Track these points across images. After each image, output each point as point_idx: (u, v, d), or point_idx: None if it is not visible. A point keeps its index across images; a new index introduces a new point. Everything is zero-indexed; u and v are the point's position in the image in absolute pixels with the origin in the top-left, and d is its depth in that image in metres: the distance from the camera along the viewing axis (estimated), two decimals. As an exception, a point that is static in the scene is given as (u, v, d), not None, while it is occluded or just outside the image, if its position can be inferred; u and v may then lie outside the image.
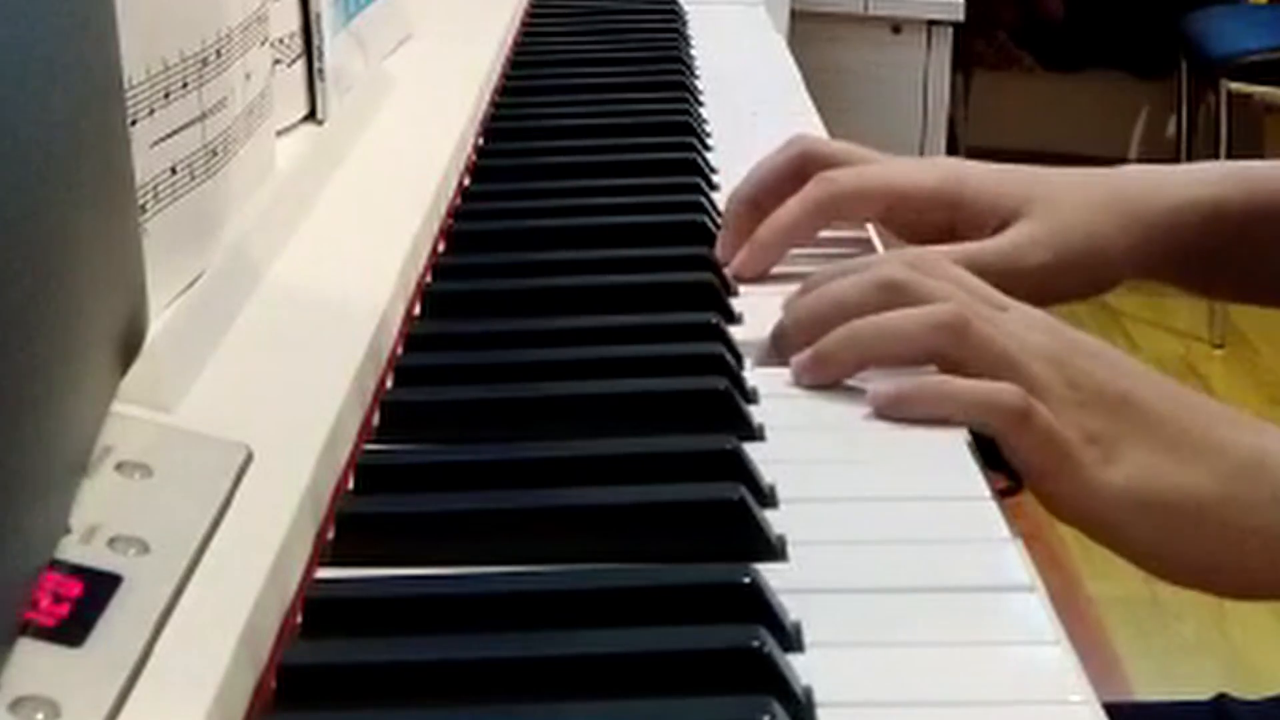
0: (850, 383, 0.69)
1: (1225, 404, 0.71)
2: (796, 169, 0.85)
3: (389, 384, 0.70)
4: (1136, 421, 0.66)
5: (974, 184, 0.85)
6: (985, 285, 0.72)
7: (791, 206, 0.83)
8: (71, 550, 0.48)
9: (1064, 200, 0.83)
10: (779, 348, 0.72)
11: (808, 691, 0.49)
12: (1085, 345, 0.69)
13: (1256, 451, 0.66)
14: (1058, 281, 0.82)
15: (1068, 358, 0.68)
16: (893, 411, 0.67)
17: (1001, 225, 0.83)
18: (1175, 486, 0.65)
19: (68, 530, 0.49)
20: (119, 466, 0.53)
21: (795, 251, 0.85)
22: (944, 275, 0.71)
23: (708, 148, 1.06)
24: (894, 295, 0.69)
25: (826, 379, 0.69)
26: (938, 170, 0.86)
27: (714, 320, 0.75)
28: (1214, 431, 0.66)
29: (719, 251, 0.85)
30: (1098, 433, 0.65)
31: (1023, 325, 0.69)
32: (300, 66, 0.91)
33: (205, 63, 0.69)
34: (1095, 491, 0.64)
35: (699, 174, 0.98)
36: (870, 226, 0.90)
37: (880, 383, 0.68)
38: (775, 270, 0.84)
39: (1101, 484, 0.65)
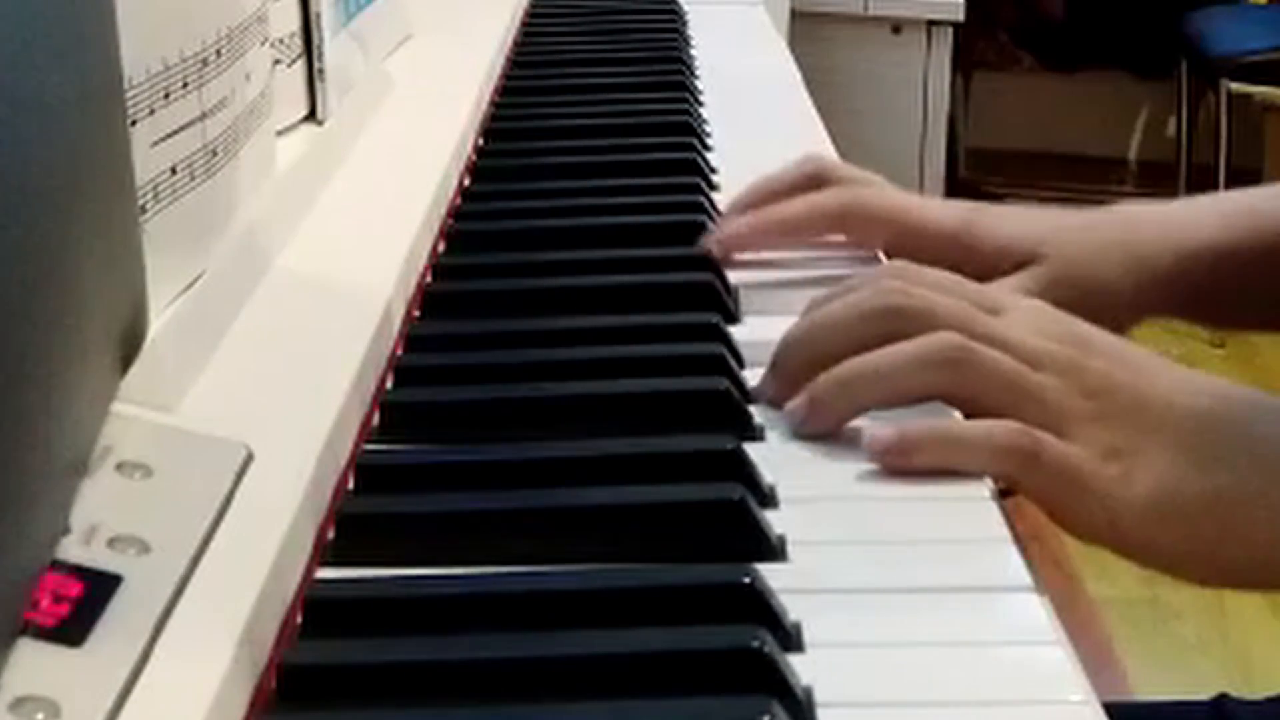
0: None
1: (1250, 389, 0.68)
2: (811, 184, 0.85)
3: (389, 384, 0.70)
4: (1159, 423, 0.63)
5: (986, 229, 0.84)
6: (980, 286, 0.70)
7: (807, 202, 0.83)
8: (71, 550, 0.48)
9: (1073, 246, 0.83)
10: (772, 384, 0.68)
11: (808, 691, 0.49)
12: (1098, 343, 0.67)
13: None
14: None
15: (1081, 360, 0.65)
16: (894, 462, 0.62)
17: (1011, 270, 0.82)
18: (1201, 492, 0.62)
19: (68, 530, 0.49)
20: (119, 466, 0.53)
21: (800, 259, 0.84)
22: (937, 283, 0.68)
23: (708, 148, 1.06)
24: (892, 324, 0.66)
25: (825, 428, 0.65)
26: (956, 213, 0.86)
27: (715, 320, 0.75)
28: (1240, 428, 0.64)
29: (714, 227, 0.84)
30: (1118, 445, 0.63)
31: (1028, 329, 0.66)
32: (300, 66, 0.91)
33: (205, 63, 0.69)
34: (1119, 513, 0.62)
35: (699, 174, 0.98)
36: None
37: (879, 426, 0.64)
38: (777, 275, 0.83)
39: (1124, 504, 0.62)
